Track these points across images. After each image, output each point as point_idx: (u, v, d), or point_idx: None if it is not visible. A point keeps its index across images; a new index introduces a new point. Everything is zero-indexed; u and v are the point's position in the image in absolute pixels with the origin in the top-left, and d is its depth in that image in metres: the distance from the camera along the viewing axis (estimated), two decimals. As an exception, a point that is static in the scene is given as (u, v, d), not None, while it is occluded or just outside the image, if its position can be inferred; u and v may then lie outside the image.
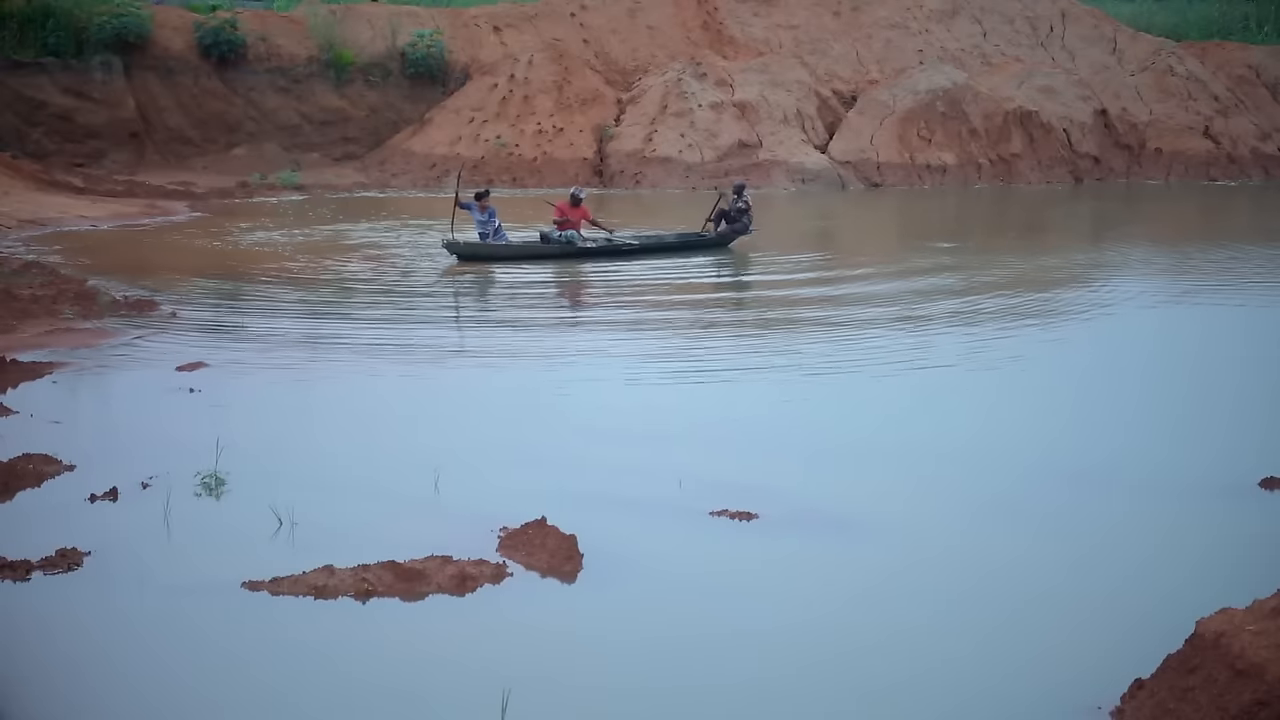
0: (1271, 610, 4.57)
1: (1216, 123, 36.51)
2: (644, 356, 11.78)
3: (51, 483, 7.57)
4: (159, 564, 6.45)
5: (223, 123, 30.60)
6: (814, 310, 14.35)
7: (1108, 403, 10.15)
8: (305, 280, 16.08)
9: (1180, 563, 6.69)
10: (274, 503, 6.96)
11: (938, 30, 36.76)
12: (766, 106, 32.33)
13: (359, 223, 22.84)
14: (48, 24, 28.88)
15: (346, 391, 10.28)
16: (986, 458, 8.46)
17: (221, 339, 12.21)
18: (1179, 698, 4.54)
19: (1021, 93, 34.62)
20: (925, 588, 6.29)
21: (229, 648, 5.56)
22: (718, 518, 7.13)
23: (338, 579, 6.07)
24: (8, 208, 21.37)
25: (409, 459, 8.13)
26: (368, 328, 13.10)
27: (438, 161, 30.71)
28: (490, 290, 16.21)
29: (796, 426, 9.29)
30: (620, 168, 30.93)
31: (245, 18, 31.17)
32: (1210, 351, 12.45)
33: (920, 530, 7.08)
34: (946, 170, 32.78)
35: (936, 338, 12.66)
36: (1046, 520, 7.25)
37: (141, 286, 14.85)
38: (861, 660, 5.55)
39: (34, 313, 12.74)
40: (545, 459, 8.32)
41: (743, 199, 19.14)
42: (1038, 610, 6.03)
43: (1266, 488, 7.71)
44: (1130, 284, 16.86)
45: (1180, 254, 20.72)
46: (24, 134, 28.46)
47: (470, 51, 33.00)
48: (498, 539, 6.70)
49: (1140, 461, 8.38)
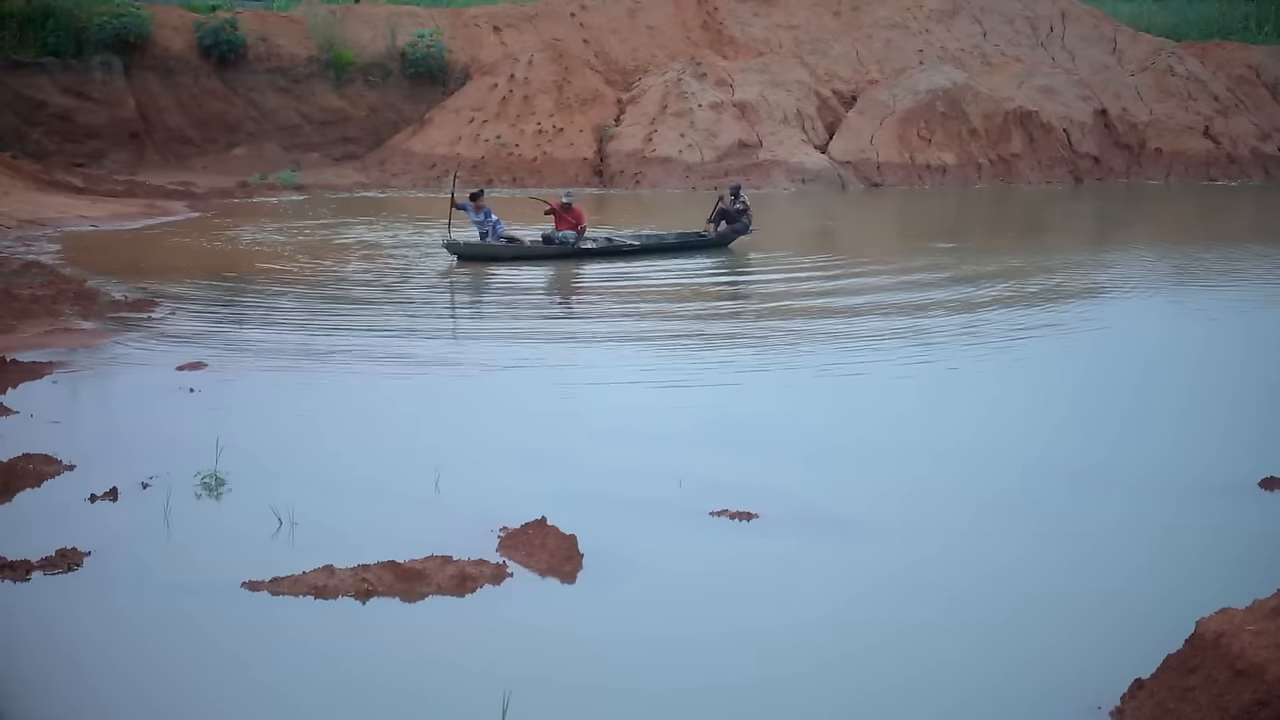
0: (1271, 610, 4.57)
1: (1216, 123, 36.52)
2: (644, 356, 11.77)
3: (51, 483, 7.57)
4: (159, 564, 6.45)
5: (223, 123, 30.61)
6: (814, 310, 14.34)
7: (1107, 402, 10.15)
8: (305, 280, 16.07)
9: (1180, 563, 6.69)
10: (274, 503, 6.96)
11: (938, 30, 36.76)
12: (766, 106, 32.33)
13: (359, 223, 22.84)
14: (48, 24, 28.88)
15: (346, 391, 10.27)
16: (986, 457, 8.47)
17: (221, 339, 12.20)
18: (1179, 698, 4.54)
19: (1021, 93, 34.62)
20: (925, 587, 6.29)
21: (229, 647, 5.56)
22: (718, 518, 7.13)
23: (338, 579, 6.07)
24: (8, 208, 21.36)
25: (409, 459, 8.13)
26: (368, 328, 13.09)
27: (438, 161, 30.70)
28: (490, 291, 16.20)
29: (796, 426, 9.29)
30: (620, 168, 30.92)
31: (245, 18, 31.17)
32: (1210, 351, 12.45)
33: (920, 530, 7.08)
34: (946, 170, 32.78)
35: (936, 338, 12.66)
36: (1046, 520, 7.25)
37: (141, 286, 14.85)
38: (862, 660, 5.55)
39: (34, 313, 12.73)
40: (545, 459, 8.32)
41: (740, 199, 19.27)
42: (1038, 610, 6.03)
43: (1266, 488, 7.71)
44: (1130, 284, 16.86)
45: (1180, 254, 20.71)
46: (24, 134, 28.46)
47: (470, 51, 32.99)
48: (498, 539, 6.71)
49: (1140, 461, 8.39)
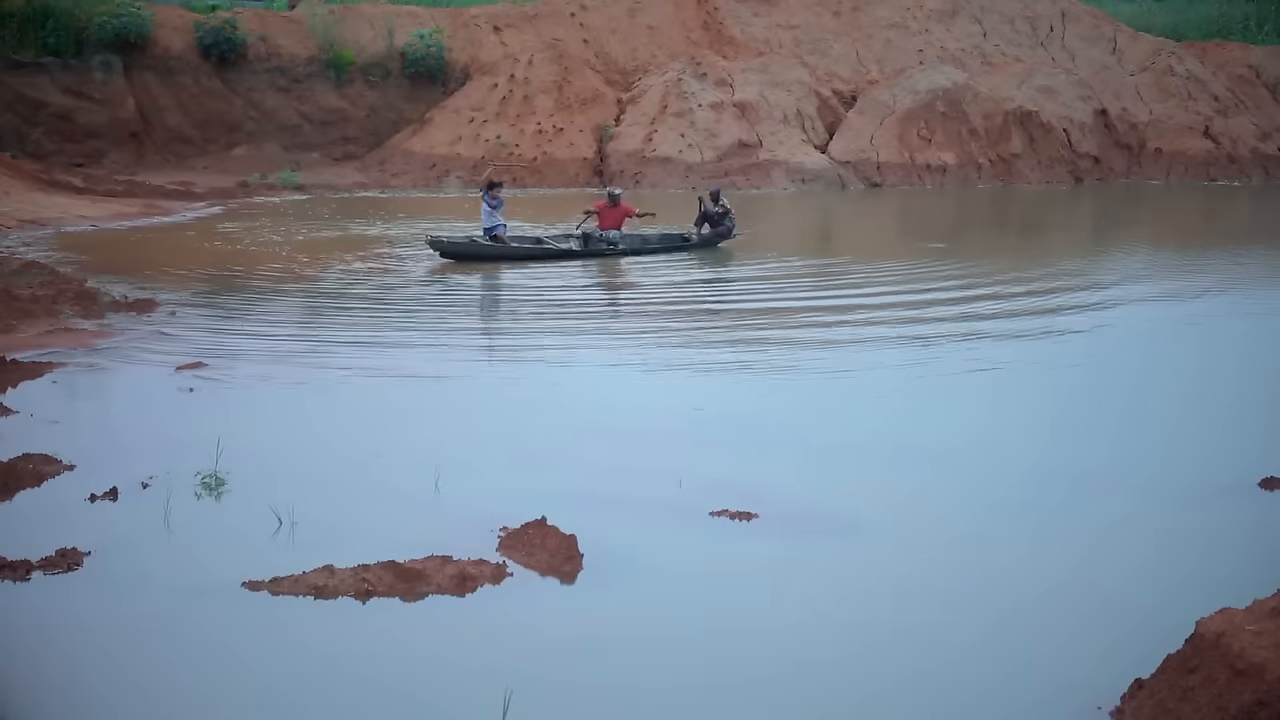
0: (1271, 610, 4.57)
1: (1216, 123, 36.52)
2: (643, 356, 11.77)
3: (51, 483, 7.57)
4: (159, 564, 6.45)
5: (223, 123, 30.62)
6: (814, 310, 14.34)
7: (1107, 402, 10.15)
8: (305, 280, 16.08)
9: (1180, 563, 6.69)
10: (274, 503, 6.96)
11: (938, 30, 36.76)
12: (766, 106, 32.33)
13: (358, 223, 22.84)
14: (48, 24, 28.90)
15: (346, 391, 10.27)
16: (986, 458, 8.47)
17: (221, 339, 12.20)
18: (1179, 698, 4.54)
19: (1021, 93, 34.62)
20: (925, 588, 6.29)
21: (229, 647, 5.56)
22: (717, 518, 7.13)
23: (338, 579, 6.07)
24: (8, 208, 21.36)
25: (409, 459, 8.13)
26: (367, 327, 13.09)
27: (438, 161, 30.71)
28: (488, 291, 16.20)
29: (796, 427, 9.29)
30: (620, 168, 30.92)
31: (245, 18, 31.19)
32: (1210, 351, 12.45)
33: (920, 530, 7.08)
34: (946, 170, 32.78)
35: (937, 338, 12.65)
36: (1046, 520, 7.24)
37: (141, 286, 14.84)
38: (862, 660, 5.55)
39: (34, 313, 12.72)
40: (545, 459, 8.32)
41: (720, 203, 19.39)
42: (1038, 610, 6.03)
43: (1266, 488, 7.71)
44: (1131, 284, 16.85)
45: (1180, 254, 20.72)
46: (24, 134, 28.48)
47: (470, 51, 32.99)
48: (498, 539, 6.70)
49: (1140, 462, 8.38)
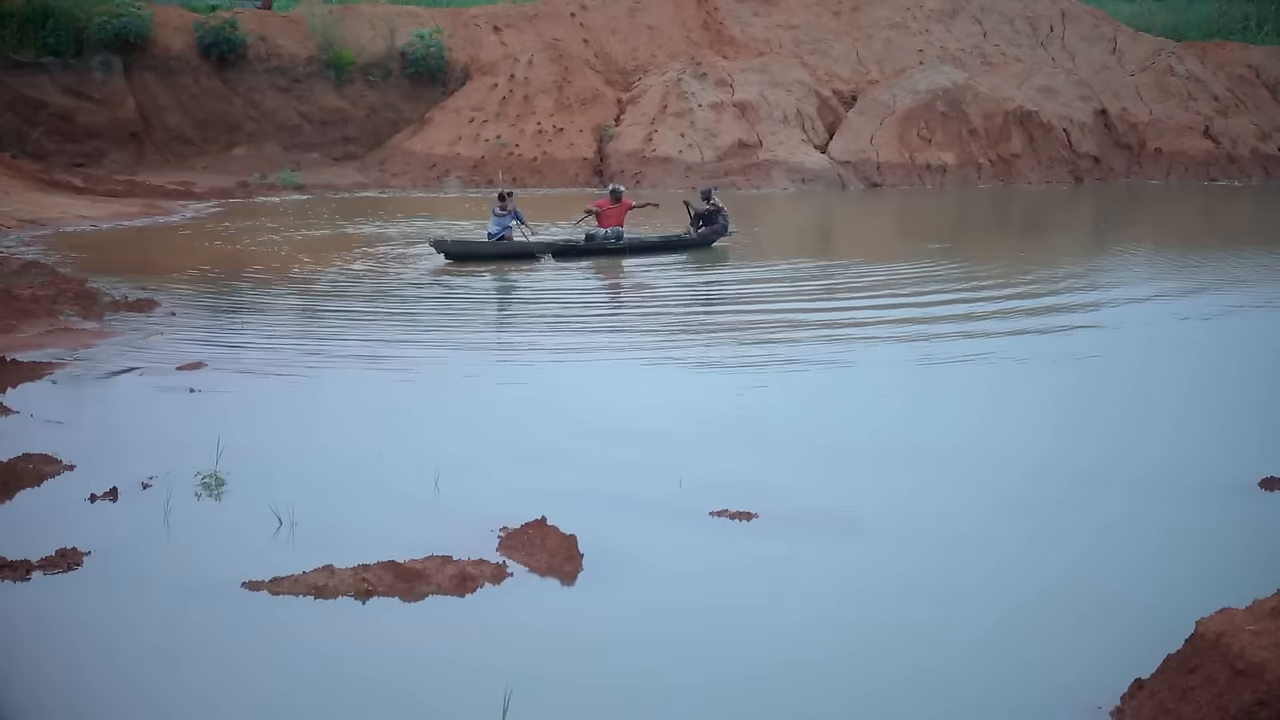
0: (1271, 610, 4.57)
1: (1216, 123, 36.50)
2: (643, 356, 11.77)
3: (51, 483, 7.57)
4: (159, 564, 6.45)
5: (223, 123, 30.61)
6: (814, 310, 14.33)
7: (1108, 402, 10.15)
8: (305, 280, 16.08)
9: (1180, 563, 6.69)
10: (274, 503, 6.96)
11: (938, 30, 36.75)
12: (766, 106, 32.32)
13: (358, 223, 22.84)
14: (48, 24, 28.89)
15: (346, 391, 10.28)
16: (986, 457, 8.47)
17: (221, 339, 12.20)
18: (1179, 698, 4.54)
19: (1021, 93, 34.61)
20: (925, 587, 6.29)
21: (229, 647, 5.56)
22: (717, 517, 7.13)
23: (338, 579, 6.07)
24: (8, 208, 21.36)
25: (409, 459, 8.13)
26: (367, 327, 13.10)
27: (438, 161, 30.70)
28: (487, 291, 16.20)
29: (797, 426, 9.29)
30: (620, 167, 30.91)
31: (245, 18, 31.17)
32: (1210, 352, 12.45)
33: (920, 530, 7.08)
34: (946, 170, 32.77)
35: (937, 337, 12.65)
36: (1046, 519, 7.25)
37: (141, 286, 14.84)
38: (862, 660, 5.55)
39: (34, 313, 12.72)
40: (545, 459, 8.32)
41: (711, 202, 19.49)
42: (1038, 610, 6.03)
43: (1266, 488, 7.71)
44: (1131, 284, 16.84)
45: (1180, 254, 20.71)
46: (24, 134, 28.47)
47: (470, 51, 32.98)
48: (498, 539, 6.70)
49: (1141, 461, 8.38)
